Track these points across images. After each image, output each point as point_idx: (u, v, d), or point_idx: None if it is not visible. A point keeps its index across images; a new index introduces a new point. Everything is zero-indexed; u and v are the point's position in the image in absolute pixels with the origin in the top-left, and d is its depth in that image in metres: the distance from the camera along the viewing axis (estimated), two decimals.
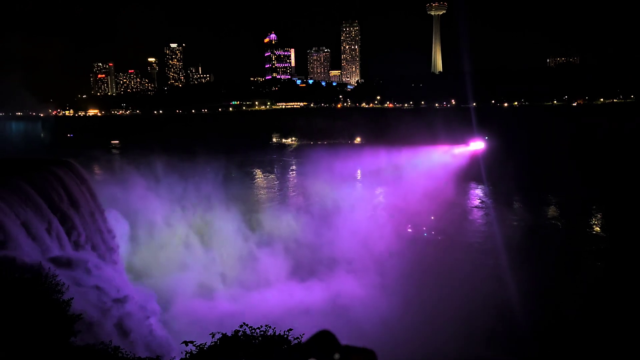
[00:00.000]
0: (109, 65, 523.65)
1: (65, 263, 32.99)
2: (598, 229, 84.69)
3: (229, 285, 57.29)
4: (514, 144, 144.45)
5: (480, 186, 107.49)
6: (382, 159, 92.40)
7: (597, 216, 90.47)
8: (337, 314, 48.46)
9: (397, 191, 78.61)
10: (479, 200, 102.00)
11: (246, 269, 60.65)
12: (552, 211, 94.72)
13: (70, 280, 29.74)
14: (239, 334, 15.63)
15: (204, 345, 14.93)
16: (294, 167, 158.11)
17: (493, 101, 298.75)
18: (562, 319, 48.32)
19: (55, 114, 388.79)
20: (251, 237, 66.23)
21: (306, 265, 62.10)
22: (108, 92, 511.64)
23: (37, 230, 33.11)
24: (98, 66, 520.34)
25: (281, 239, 66.70)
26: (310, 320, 46.17)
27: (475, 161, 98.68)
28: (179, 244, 59.70)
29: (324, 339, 2.40)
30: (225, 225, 64.77)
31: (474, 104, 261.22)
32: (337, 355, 2.36)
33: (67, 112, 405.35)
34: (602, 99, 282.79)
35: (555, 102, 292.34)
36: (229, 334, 15.64)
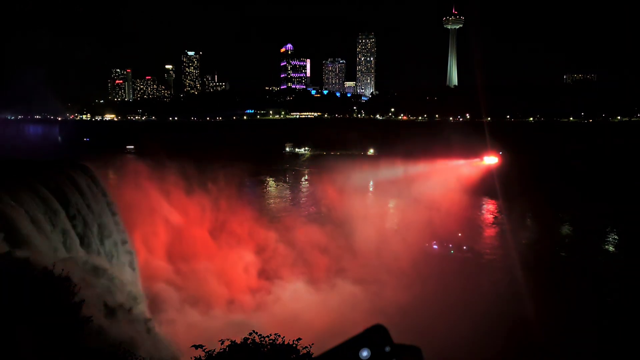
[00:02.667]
0: (126, 72, 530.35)
1: (78, 265, 33.18)
2: (613, 248, 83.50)
3: (251, 295, 57.04)
4: (529, 160, 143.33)
5: (494, 201, 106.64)
6: (395, 171, 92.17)
7: (612, 235, 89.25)
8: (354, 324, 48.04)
9: (410, 204, 77.96)
10: (492, 216, 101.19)
11: (267, 279, 60.26)
12: (566, 229, 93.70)
13: (82, 282, 29.89)
14: (248, 342, 15.61)
15: (213, 352, 14.93)
16: (307, 177, 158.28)
17: (508, 116, 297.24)
18: (580, 340, 47.64)
19: (73, 118, 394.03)
20: (272, 248, 65.89)
21: (327, 275, 61.59)
22: (125, 97, 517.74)
23: (50, 232, 33.42)
24: (116, 72, 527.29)
25: (302, 247, 66.19)
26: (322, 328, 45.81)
27: (489, 176, 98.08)
28: (197, 250, 59.71)
29: (377, 333, 2.53)
30: (244, 230, 64.95)
31: (489, 118, 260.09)
32: (387, 348, 2.49)
33: (84, 117, 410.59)
34: (619, 117, 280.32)
35: (571, 118, 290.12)
36: (238, 342, 15.62)
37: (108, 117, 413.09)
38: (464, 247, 77.69)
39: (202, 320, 48.35)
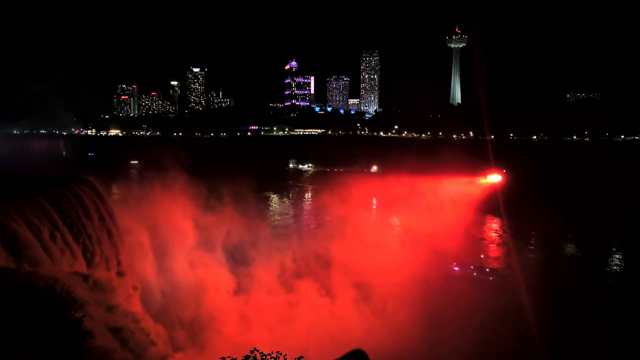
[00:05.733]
0: (132, 87, 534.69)
1: (80, 280, 33.00)
2: (617, 268, 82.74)
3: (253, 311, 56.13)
4: (532, 178, 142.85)
5: (504, 220, 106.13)
6: (400, 188, 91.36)
7: (616, 255, 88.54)
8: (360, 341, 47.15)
9: (418, 222, 75.76)
10: (506, 235, 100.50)
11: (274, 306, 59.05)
12: (570, 248, 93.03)
13: (83, 297, 29.70)
14: (249, 359, 15.39)
15: None
16: (311, 194, 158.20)
17: (512, 134, 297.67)
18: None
19: (78, 133, 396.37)
20: (280, 265, 64.75)
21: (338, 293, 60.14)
22: (130, 113, 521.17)
23: (53, 246, 33.28)
24: (122, 88, 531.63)
25: (314, 267, 64.72)
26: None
27: (493, 194, 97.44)
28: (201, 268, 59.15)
29: (357, 358, 2.49)
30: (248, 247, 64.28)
31: (492, 136, 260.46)
32: None
33: (89, 132, 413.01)
34: (622, 136, 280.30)
35: (575, 137, 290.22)
36: (239, 359, 15.39)
37: (113, 132, 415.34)
38: (487, 269, 75.32)
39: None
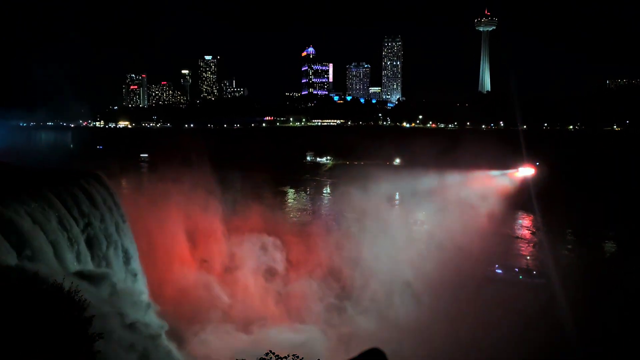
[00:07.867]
0: (141, 77, 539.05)
1: (88, 279, 33.43)
2: None
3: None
4: (567, 171, 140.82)
5: (532, 216, 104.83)
6: (426, 182, 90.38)
7: None
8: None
9: (450, 220, 73.74)
10: (533, 232, 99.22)
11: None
12: (609, 246, 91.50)
13: (92, 297, 30.04)
14: None
15: None
16: (329, 189, 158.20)
17: (545, 124, 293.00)
18: None
19: (86, 124, 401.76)
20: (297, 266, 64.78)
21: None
22: (140, 103, 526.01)
23: (61, 243, 33.74)
24: (131, 77, 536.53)
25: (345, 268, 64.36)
26: None
27: (525, 188, 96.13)
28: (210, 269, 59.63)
29: (374, 357, 2.51)
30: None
31: (524, 126, 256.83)
32: None
33: (97, 123, 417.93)
34: None
35: (615, 127, 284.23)
36: None
37: (122, 124, 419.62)
38: (533, 272, 72.22)
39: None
